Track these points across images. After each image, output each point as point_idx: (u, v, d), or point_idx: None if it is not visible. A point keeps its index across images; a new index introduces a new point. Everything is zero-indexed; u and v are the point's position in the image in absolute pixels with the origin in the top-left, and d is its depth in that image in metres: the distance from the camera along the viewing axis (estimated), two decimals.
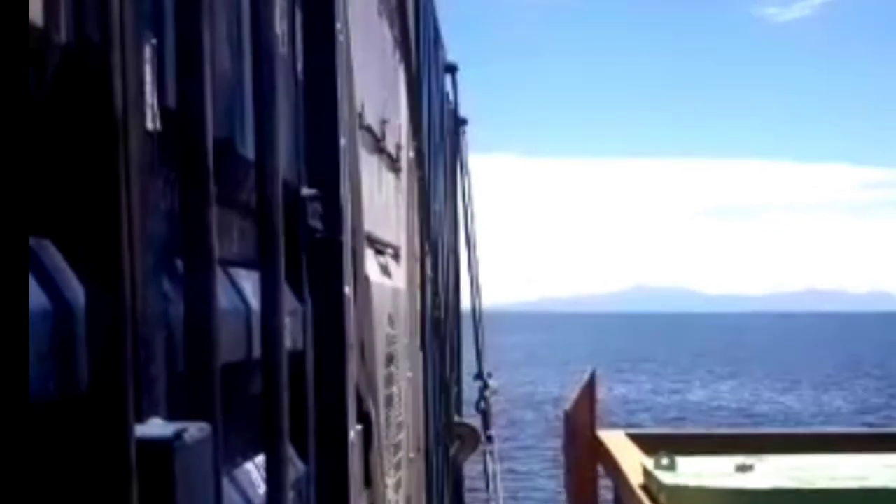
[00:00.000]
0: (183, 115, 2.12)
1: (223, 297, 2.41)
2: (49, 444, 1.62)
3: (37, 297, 1.55)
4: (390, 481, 5.47)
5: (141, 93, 1.88)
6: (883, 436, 9.55)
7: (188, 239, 2.17)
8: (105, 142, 1.62)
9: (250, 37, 2.71)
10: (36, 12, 1.52)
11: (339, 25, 3.62)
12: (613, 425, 9.90)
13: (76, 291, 1.65)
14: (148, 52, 1.93)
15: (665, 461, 7.70)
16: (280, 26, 2.95)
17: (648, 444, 8.55)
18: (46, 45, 1.58)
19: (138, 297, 1.76)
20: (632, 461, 8.20)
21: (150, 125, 1.94)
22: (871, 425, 36.74)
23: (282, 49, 3.00)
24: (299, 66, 3.39)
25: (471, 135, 14.91)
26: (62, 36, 1.60)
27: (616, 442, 8.96)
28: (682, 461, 7.75)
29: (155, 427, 1.81)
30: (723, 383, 67.40)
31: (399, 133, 6.41)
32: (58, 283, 1.63)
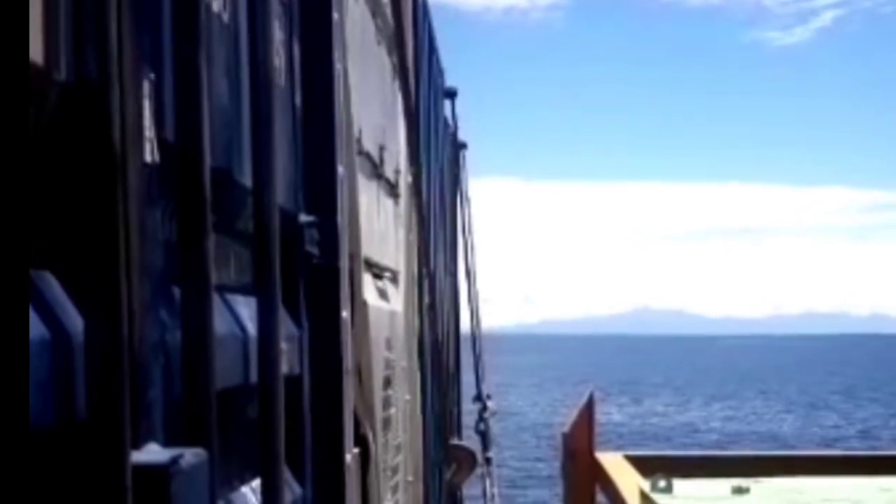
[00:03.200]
0: (181, 147, 2.17)
1: (220, 324, 2.45)
2: (48, 471, 1.67)
3: (36, 327, 1.60)
4: None
5: (139, 127, 1.92)
6: (879, 458, 9.56)
7: (186, 267, 2.22)
8: (104, 176, 1.67)
9: (249, 68, 2.76)
10: (36, 52, 1.57)
11: (336, 55, 3.67)
12: (605, 448, 9.92)
13: (75, 321, 1.70)
14: (147, 87, 1.98)
15: (662, 483, 7.73)
16: (278, 57, 3.01)
17: (646, 466, 8.57)
18: (47, 83, 1.63)
19: (136, 327, 1.81)
20: (629, 483, 8.22)
21: (148, 158, 1.98)
22: (865, 448, 36.72)
23: (280, 80, 3.05)
24: (298, 95, 3.44)
25: (473, 159, 15.00)
26: (62, 74, 1.65)
27: (614, 464, 8.97)
28: (678, 483, 7.78)
29: (151, 453, 1.85)
30: (717, 405, 67.43)
31: (397, 159, 6.46)
32: (57, 314, 1.67)
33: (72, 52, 1.66)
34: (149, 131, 2.00)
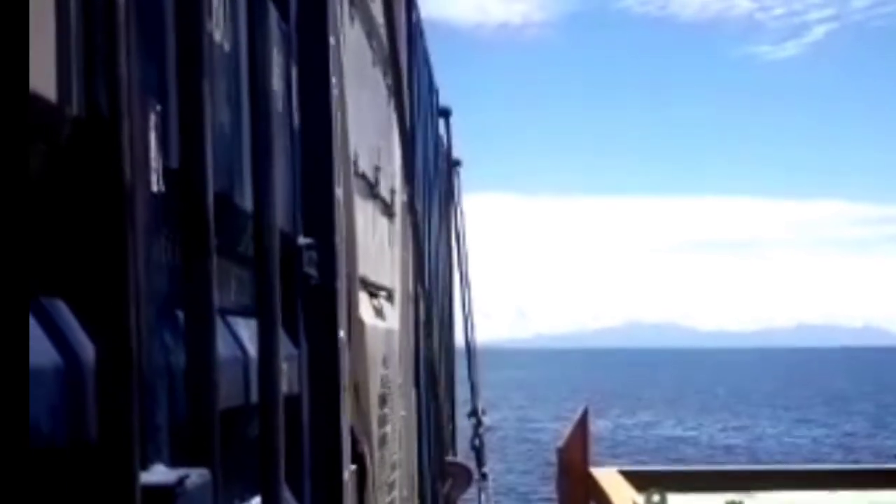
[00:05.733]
0: (185, 175, 2.23)
1: (222, 346, 2.51)
2: (59, 491, 1.72)
3: (49, 352, 1.66)
4: None
5: (146, 158, 1.99)
6: (870, 472, 9.62)
7: (189, 292, 2.28)
8: (113, 207, 1.73)
9: (249, 95, 2.82)
10: (50, 89, 1.63)
11: (333, 80, 3.73)
12: (598, 461, 9.96)
13: (85, 347, 1.76)
14: (153, 119, 2.05)
15: (656, 498, 7.79)
16: (277, 83, 3.07)
17: (640, 480, 8.63)
18: (59, 118, 1.69)
19: (143, 352, 1.87)
20: (623, 498, 8.27)
21: (154, 187, 2.05)
22: (848, 461, 36.74)
23: (279, 105, 3.12)
24: (296, 118, 3.50)
25: (467, 174, 15.07)
26: (74, 109, 1.71)
27: (608, 478, 9.03)
28: (672, 498, 7.84)
29: (159, 474, 1.91)
30: (709, 419, 67.56)
31: (393, 179, 6.53)
32: (68, 340, 1.73)
33: (83, 88, 1.72)
34: (154, 161, 2.06)
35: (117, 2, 1.73)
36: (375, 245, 5.70)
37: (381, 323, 5.88)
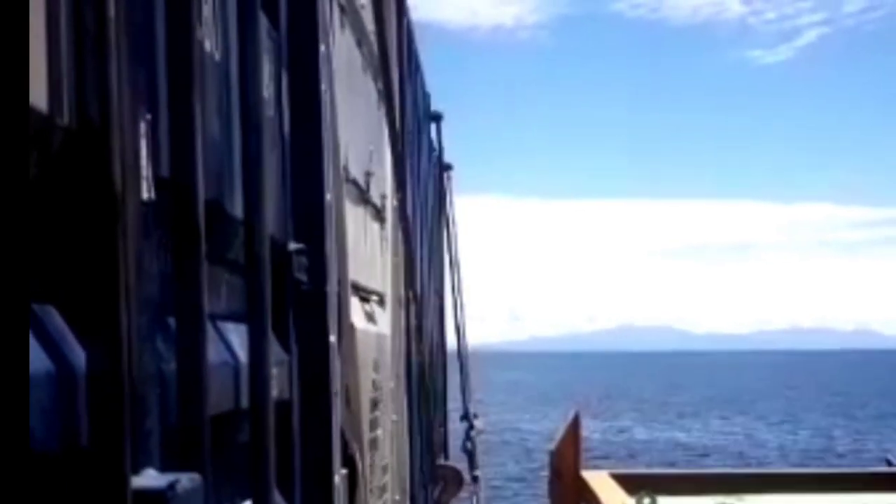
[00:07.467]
0: (176, 183, 2.26)
1: (213, 352, 2.53)
2: (52, 496, 1.75)
3: (40, 359, 1.68)
4: None
5: (137, 166, 2.01)
6: (859, 476, 9.65)
7: (180, 298, 2.30)
8: (104, 215, 1.75)
9: (239, 103, 2.84)
10: (41, 99, 1.66)
11: (323, 86, 3.75)
12: (589, 463, 9.98)
13: (77, 353, 1.78)
14: (143, 127, 2.07)
15: (646, 501, 7.83)
16: (267, 90, 3.09)
17: (631, 483, 8.66)
18: (50, 127, 1.71)
19: (134, 357, 1.89)
20: (614, 501, 8.30)
21: (145, 195, 2.07)
22: (838, 465, 36.77)
23: (269, 112, 3.14)
24: (286, 125, 3.52)
25: (460, 177, 15.11)
26: (65, 119, 1.73)
27: (600, 481, 9.05)
28: (663, 501, 7.88)
29: (150, 478, 1.93)
30: (700, 422, 67.66)
31: (384, 184, 6.55)
32: (60, 346, 1.76)
33: (74, 97, 1.75)
34: (145, 169, 2.09)
35: (107, 11, 1.75)
36: (366, 250, 5.72)
37: (373, 327, 5.90)
